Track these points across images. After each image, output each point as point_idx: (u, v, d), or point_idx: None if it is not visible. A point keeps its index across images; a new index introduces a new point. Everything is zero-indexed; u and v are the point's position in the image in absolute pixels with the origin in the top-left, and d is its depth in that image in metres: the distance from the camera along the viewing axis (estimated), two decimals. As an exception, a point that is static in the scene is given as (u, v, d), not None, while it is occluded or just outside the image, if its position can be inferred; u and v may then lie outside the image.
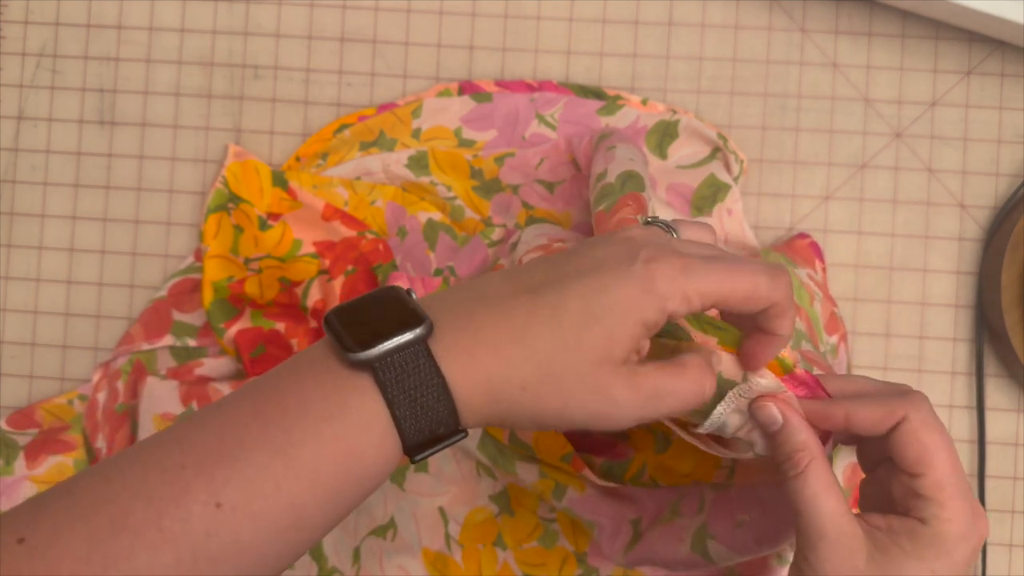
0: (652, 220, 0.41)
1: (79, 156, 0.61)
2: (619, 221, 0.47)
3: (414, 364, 0.34)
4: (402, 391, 0.34)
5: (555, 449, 0.50)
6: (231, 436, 0.34)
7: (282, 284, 0.59)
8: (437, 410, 0.35)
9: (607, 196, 0.49)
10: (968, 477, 0.38)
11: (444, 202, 0.59)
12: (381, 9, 0.61)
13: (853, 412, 0.38)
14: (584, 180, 0.57)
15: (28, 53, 0.62)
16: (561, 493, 0.50)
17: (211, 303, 0.57)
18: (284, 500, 0.33)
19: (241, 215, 0.58)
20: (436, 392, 0.34)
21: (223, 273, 0.58)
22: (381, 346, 0.34)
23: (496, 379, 0.35)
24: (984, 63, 0.59)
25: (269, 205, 0.59)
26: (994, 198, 0.59)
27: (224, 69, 0.61)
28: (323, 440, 0.34)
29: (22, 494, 0.58)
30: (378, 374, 0.34)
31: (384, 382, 0.34)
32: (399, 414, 0.34)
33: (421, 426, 0.35)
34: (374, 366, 0.34)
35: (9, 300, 0.61)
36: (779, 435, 0.39)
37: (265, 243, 0.59)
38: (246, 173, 0.59)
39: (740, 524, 0.46)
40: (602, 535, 0.51)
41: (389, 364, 0.34)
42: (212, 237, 0.58)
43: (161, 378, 0.57)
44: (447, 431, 0.35)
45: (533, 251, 0.51)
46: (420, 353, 0.34)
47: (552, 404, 0.35)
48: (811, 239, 0.58)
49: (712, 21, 0.60)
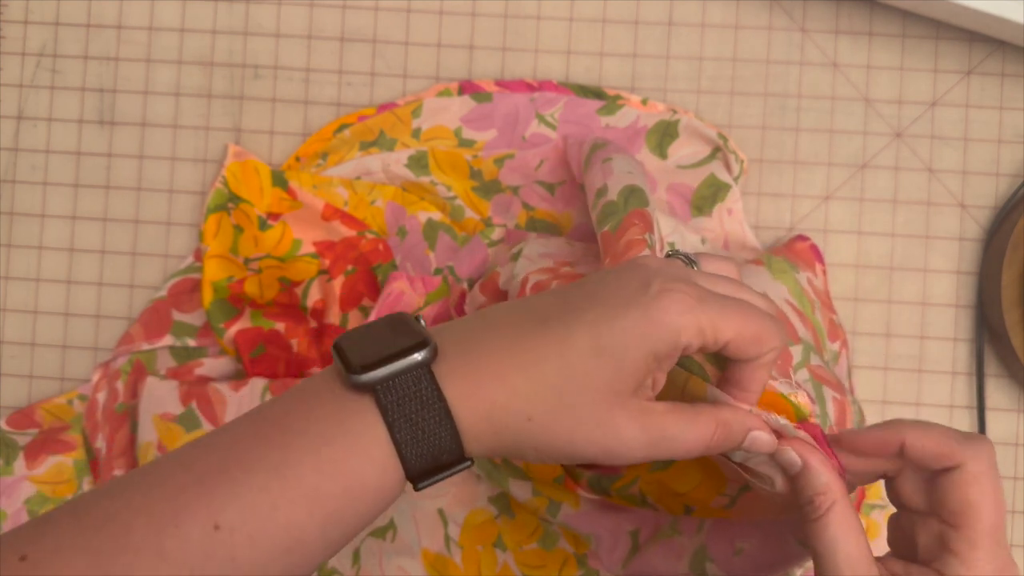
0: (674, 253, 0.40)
1: (79, 156, 0.61)
2: (628, 243, 0.46)
3: (416, 388, 0.34)
4: (403, 415, 0.34)
5: (547, 471, 0.50)
6: (232, 456, 0.34)
7: (282, 284, 0.59)
8: (440, 435, 0.34)
9: (612, 215, 0.48)
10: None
11: (444, 202, 0.59)
12: (381, 9, 0.61)
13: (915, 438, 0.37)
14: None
15: (28, 53, 0.62)
16: (556, 510, 0.50)
17: (211, 303, 0.57)
18: (282, 522, 0.33)
19: (241, 215, 0.58)
20: (438, 417, 0.34)
21: (223, 273, 0.58)
22: (383, 369, 0.34)
23: (501, 408, 0.34)
24: (984, 63, 0.59)
25: (269, 205, 0.59)
26: (994, 198, 0.59)
27: (224, 69, 0.61)
28: (321, 462, 0.33)
29: (22, 494, 0.58)
30: (379, 397, 0.34)
31: (385, 405, 0.34)
32: (399, 438, 0.34)
33: (423, 452, 0.34)
34: (375, 388, 0.34)
35: (9, 300, 0.61)
36: (800, 479, 0.37)
37: (265, 243, 0.59)
38: (246, 173, 0.59)
39: (739, 552, 0.45)
40: (600, 547, 0.50)
41: (390, 387, 0.34)
42: (212, 237, 0.58)
43: (161, 378, 0.57)
44: (451, 459, 0.35)
45: (538, 273, 0.50)
46: (423, 377, 0.34)
47: (559, 437, 0.35)
48: (811, 242, 0.58)
49: (712, 21, 0.60)
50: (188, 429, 0.54)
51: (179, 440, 0.54)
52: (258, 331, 0.57)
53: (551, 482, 0.50)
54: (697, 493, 0.46)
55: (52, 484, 0.59)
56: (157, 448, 0.54)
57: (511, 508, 0.54)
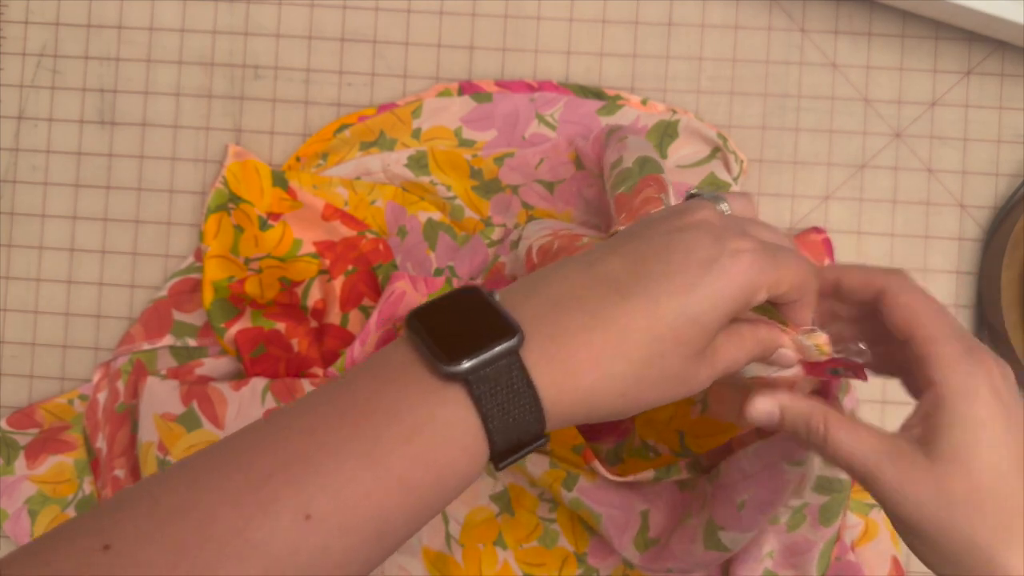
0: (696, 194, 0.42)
1: (79, 156, 0.62)
2: (644, 200, 0.47)
3: (507, 377, 0.34)
4: (496, 404, 0.33)
5: (567, 440, 0.50)
6: (316, 442, 0.33)
7: (282, 284, 0.59)
8: (527, 421, 0.34)
9: (626, 179, 0.50)
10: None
11: (444, 202, 0.59)
12: (381, 9, 0.61)
13: (841, 275, 0.40)
14: (585, 178, 0.57)
15: (28, 53, 0.62)
16: (572, 482, 0.51)
17: (211, 303, 0.57)
18: (373, 511, 0.33)
19: (241, 215, 0.58)
20: (528, 404, 0.34)
21: (223, 273, 0.58)
22: (474, 359, 0.33)
23: (595, 391, 0.35)
24: (984, 63, 0.59)
25: (269, 205, 0.59)
26: (994, 198, 0.59)
27: (224, 69, 0.61)
28: (412, 450, 0.33)
29: (23, 493, 0.58)
30: (472, 387, 0.33)
31: (478, 396, 0.33)
32: (492, 427, 0.34)
33: (510, 437, 0.34)
34: (468, 379, 0.33)
35: (10, 300, 0.61)
36: (784, 422, 0.39)
37: (265, 243, 0.59)
38: (246, 173, 0.59)
39: (741, 506, 0.47)
40: (611, 526, 0.51)
41: (482, 377, 0.33)
42: (212, 237, 0.58)
43: (162, 378, 0.57)
44: (531, 437, 0.35)
45: (541, 239, 0.51)
46: (513, 365, 0.34)
47: (645, 402, 0.36)
48: (825, 235, 0.58)
49: (712, 21, 0.60)
50: (189, 429, 0.55)
51: (180, 440, 0.54)
52: (258, 331, 0.57)
53: (569, 452, 0.50)
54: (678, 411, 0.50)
55: (53, 484, 0.59)
56: (158, 448, 0.55)
57: (511, 506, 0.54)
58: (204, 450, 0.34)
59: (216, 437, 0.54)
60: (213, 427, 0.55)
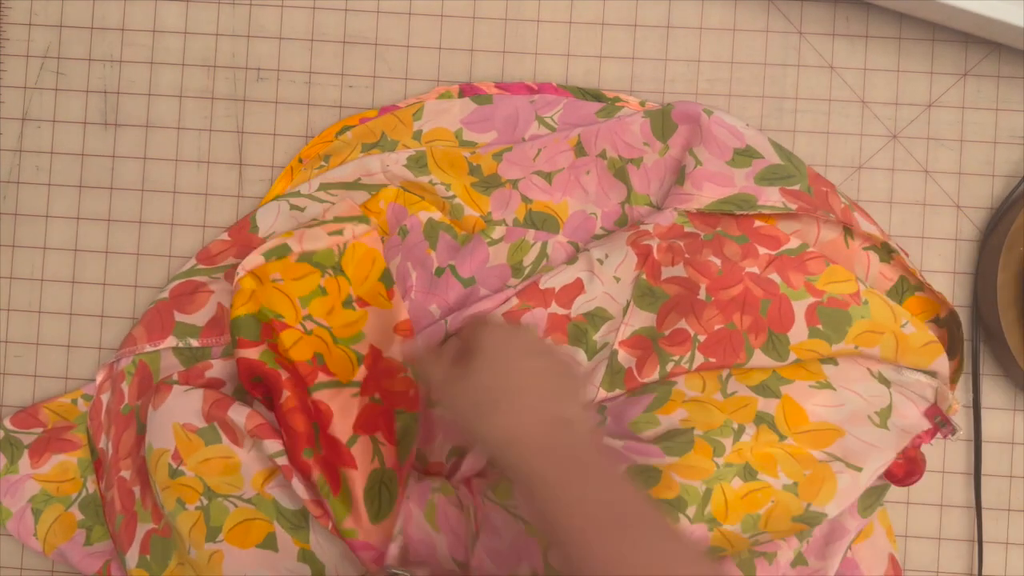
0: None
1: (83, 157, 0.62)
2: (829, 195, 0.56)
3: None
4: None
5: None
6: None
7: (314, 359, 0.56)
8: None
9: (788, 175, 0.56)
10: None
11: (443, 201, 0.59)
12: (382, 12, 0.61)
13: None
14: (584, 165, 0.58)
15: (32, 55, 0.62)
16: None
17: (243, 316, 0.55)
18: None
19: (333, 283, 0.57)
20: None
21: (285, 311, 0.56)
22: None
23: None
24: (980, 65, 0.60)
25: (366, 292, 0.58)
26: (990, 199, 0.60)
27: (227, 71, 0.62)
28: None
29: (27, 492, 0.58)
30: None
31: None
32: None
33: None
34: None
35: (13, 300, 0.62)
36: None
37: (336, 319, 0.57)
38: (363, 257, 0.58)
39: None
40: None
41: None
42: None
43: (186, 391, 0.56)
44: None
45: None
46: None
47: None
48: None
49: (710, 24, 0.60)
50: (208, 442, 0.55)
51: (197, 452, 0.54)
52: (261, 365, 0.55)
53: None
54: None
55: (56, 483, 0.59)
56: (172, 457, 0.54)
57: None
58: None
59: (233, 455, 0.55)
60: (232, 444, 0.55)
